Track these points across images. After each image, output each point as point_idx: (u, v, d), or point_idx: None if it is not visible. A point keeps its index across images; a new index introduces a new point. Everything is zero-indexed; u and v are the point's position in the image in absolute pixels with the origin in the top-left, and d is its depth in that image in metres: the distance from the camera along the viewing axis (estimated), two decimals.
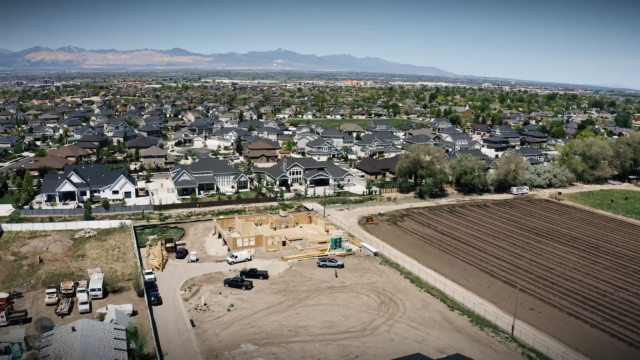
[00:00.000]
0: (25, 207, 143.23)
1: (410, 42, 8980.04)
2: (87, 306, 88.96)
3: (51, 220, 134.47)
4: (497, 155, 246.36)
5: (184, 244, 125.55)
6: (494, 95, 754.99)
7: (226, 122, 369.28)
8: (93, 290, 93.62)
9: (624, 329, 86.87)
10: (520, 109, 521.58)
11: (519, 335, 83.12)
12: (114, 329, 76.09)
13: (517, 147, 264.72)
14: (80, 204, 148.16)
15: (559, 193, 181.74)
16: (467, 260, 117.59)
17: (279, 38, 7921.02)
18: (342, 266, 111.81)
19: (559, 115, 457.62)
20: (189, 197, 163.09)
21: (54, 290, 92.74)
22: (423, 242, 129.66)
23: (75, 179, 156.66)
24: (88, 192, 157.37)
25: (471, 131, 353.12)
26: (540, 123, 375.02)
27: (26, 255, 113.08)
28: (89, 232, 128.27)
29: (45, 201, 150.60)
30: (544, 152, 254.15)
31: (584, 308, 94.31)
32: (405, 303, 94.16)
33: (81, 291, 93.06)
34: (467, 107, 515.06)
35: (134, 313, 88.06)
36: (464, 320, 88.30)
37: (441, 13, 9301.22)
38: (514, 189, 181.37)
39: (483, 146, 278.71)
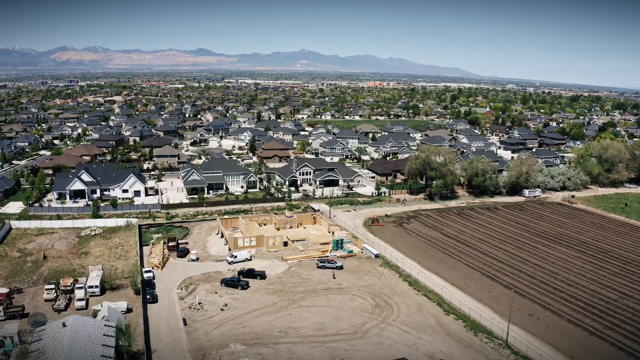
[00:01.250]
0: (36, 204, 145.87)
1: (434, 43, 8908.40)
2: (83, 303, 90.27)
3: (59, 217, 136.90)
4: (512, 157, 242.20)
5: (186, 243, 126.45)
6: (516, 97, 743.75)
7: (244, 122, 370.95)
8: (90, 287, 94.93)
9: (624, 337, 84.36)
10: (542, 111, 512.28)
11: (513, 341, 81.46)
12: (104, 325, 76.79)
13: (534, 149, 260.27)
14: (90, 202, 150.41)
15: (572, 196, 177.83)
16: (469, 264, 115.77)
17: (303, 38, 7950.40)
18: (341, 267, 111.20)
19: (580, 117, 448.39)
20: (197, 196, 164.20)
21: (52, 286, 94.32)
22: (427, 245, 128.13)
23: (85, 177, 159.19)
24: (98, 191, 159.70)
25: (490, 132, 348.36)
26: (561, 125, 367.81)
27: (31, 252, 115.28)
28: (94, 230, 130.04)
29: (56, 199, 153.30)
30: (561, 154, 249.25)
31: (585, 315, 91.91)
32: (401, 306, 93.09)
33: (79, 288, 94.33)
34: (487, 109, 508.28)
35: (129, 310, 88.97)
36: (458, 325, 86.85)
37: (466, 13, 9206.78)
38: (526, 192, 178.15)
39: (500, 148, 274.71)
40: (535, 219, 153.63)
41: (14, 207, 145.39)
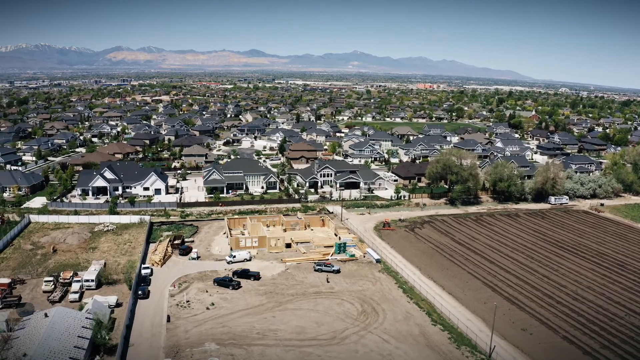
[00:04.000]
0: (58, 200, 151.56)
1: (487, 45, 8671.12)
2: (77, 295, 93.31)
3: (76, 213, 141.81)
4: (547, 163, 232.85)
5: (192, 241, 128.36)
6: (567, 101, 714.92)
7: (282, 123, 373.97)
8: (87, 281, 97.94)
9: (621, 358, 79.04)
10: (590, 115, 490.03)
11: (497, 357, 77.91)
12: (85, 318, 79.39)
13: (571, 154, 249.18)
14: (110, 199, 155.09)
15: (601, 204, 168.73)
16: (473, 273, 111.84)
17: (355, 40, 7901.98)
18: (338, 271, 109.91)
19: (629, 123, 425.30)
20: (213, 195, 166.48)
21: (51, 279, 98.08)
22: (434, 251, 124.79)
23: (108, 175, 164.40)
24: (120, 188, 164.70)
25: (530, 137, 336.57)
26: (606, 130, 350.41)
27: (43, 245, 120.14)
28: (107, 226, 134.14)
29: (79, 195, 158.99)
30: (600, 160, 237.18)
31: (584, 332, 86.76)
32: (387, 314, 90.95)
33: (76, 281, 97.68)
34: (533, 112, 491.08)
35: (118, 305, 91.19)
36: (442, 337, 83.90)
37: (520, 15, 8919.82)
38: (552, 199, 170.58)
39: (536, 153, 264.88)
40: (556, 227, 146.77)
41: (38, 202, 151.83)
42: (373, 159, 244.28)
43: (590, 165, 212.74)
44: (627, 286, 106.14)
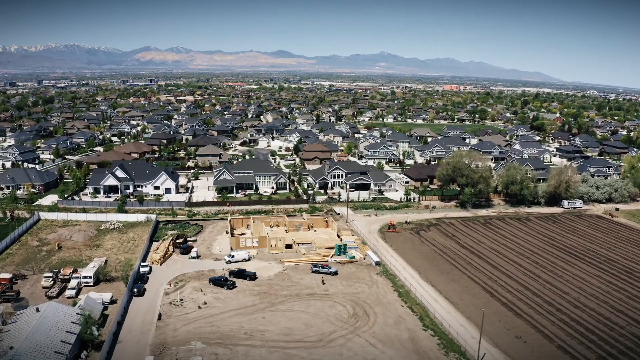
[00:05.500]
0: (69, 198, 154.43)
1: (515, 46, 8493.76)
2: (74, 292, 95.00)
3: (85, 211, 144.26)
4: (565, 166, 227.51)
5: (195, 240, 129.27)
6: (593, 103, 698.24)
7: (302, 124, 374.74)
8: (85, 277, 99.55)
9: None
10: (616, 118, 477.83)
11: None
12: (76, 314, 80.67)
13: (591, 157, 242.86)
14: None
15: (616, 209, 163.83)
16: (473, 277, 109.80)
17: (382, 41, 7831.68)
18: (335, 273, 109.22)
19: None
20: (220, 195, 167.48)
21: (50, 275, 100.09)
22: (436, 255, 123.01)
23: (119, 173, 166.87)
24: (131, 187, 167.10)
25: (552, 139, 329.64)
26: (630, 133, 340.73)
27: (49, 242, 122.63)
28: (114, 224, 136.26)
29: (91, 193, 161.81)
30: (621, 163, 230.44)
31: (580, 342, 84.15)
32: (378, 317, 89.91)
33: (75, 278, 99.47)
34: (557, 115, 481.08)
35: (113, 302, 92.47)
36: (432, 342, 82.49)
37: (549, 16, 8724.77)
38: (566, 203, 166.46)
39: (555, 155, 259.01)
40: (566, 232, 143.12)
41: (51, 199, 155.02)
42: (387, 160, 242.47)
43: (609, 169, 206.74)
44: (633, 294, 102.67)
